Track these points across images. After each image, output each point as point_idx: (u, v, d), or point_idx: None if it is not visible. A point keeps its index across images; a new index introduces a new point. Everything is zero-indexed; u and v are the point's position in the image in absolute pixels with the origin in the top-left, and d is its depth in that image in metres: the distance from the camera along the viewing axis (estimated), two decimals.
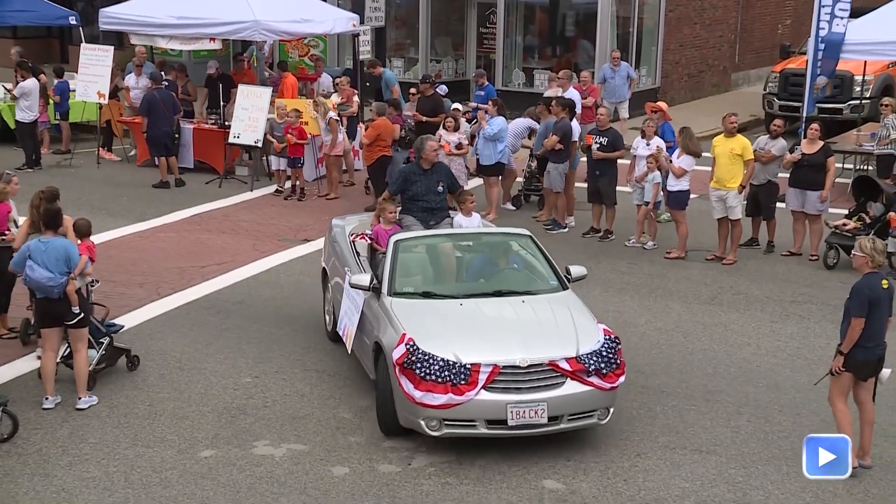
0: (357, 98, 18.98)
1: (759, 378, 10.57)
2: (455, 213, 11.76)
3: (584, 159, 15.64)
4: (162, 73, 19.62)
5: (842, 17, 17.24)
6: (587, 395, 8.77)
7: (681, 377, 10.55)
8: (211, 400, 9.88)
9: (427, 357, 8.65)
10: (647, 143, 14.84)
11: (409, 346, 8.71)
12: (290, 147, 17.29)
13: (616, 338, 9.18)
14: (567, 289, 9.91)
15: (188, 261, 14.08)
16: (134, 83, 19.88)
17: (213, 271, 13.64)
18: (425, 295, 9.65)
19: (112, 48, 19.76)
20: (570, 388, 8.71)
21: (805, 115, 17.69)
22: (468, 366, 8.59)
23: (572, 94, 17.65)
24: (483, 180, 16.77)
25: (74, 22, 22.49)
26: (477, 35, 26.06)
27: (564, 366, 8.73)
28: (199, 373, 10.49)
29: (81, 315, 9.59)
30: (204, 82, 20.58)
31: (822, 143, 14.35)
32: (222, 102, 18.96)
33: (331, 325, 11.17)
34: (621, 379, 8.99)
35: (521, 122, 17.18)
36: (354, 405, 9.74)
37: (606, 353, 8.92)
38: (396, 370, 8.72)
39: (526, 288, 9.85)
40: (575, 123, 15.89)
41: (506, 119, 16.61)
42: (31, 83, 19.20)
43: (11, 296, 11.19)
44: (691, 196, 14.57)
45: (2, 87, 20.56)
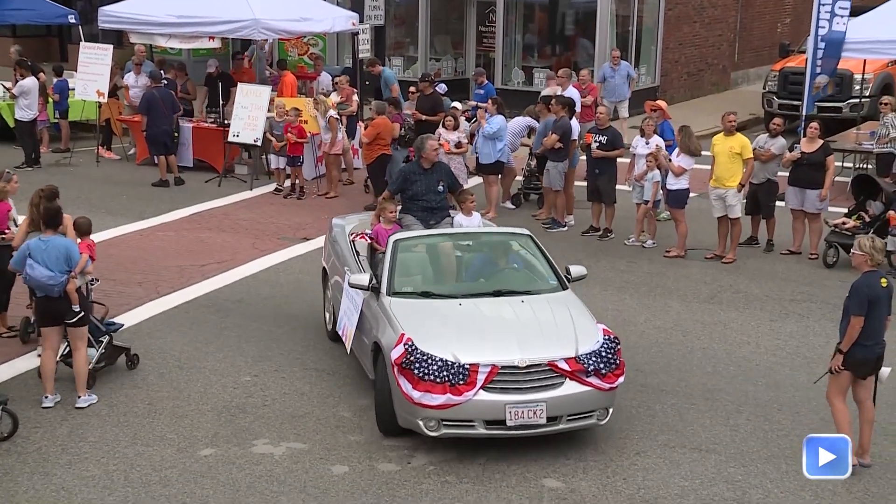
0: (356, 97, 18.98)
1: (759, 376, 10.57)
2: (455, 213, 11.76)
3: (584, 158, 15.64)
4: (161, 71, 19.63)
5: (842, 16, 17.24)
6: (586, 395, 8.75)
7: (680, 376, 10.56)
8: (210, 398, 9.89)
9: (425, 357, 8.63)
10: (647, 142, 14.84)
11: (408, 346, 8.69)
12: (290, 146, 17.30)
13: (615, 338, 9.16)
14: (567, 288, 9.89)
15: (188, 259, 14.08)
16: (133, 82, 19.91)
17: (212, 270, 13.64)
18: (424, 295, 9.63)
19: (111, 47, 19.78)
20: (569, 388, 8.69)
21: (804, 113, 17.69)
22: (467, 366, 8.57)
23: (572, 92, 17.64)
24: (482, 179, 16.77)
25: (74, 20, 22.49)
26: (476, 34, 26.07)
27: (563, 366, 8.71)
28: (199, 371, 10.49)
29: (82, 314, 9.59)
30: (203, 81, 20.59)
31: (822, 141, 14.35)
32: (222, 101, 18.96)
33: (331, 325, 11.16)
34: (620, 379, 8.96)
35: (521, 121, 17.19)
36: (354, 404, 9.74)
37: (606, 354, 8.89)
38: (395, 370, 8.70)
39: (525, 288, 9.82)
40: (574, 122, 15.90)
41: (505, 118, 16.61)
42: (30, 82, 19.20)
43: (11, 294, 11.19)
44: (691, 195, 14.57)
45: (1, 85, 20.55)
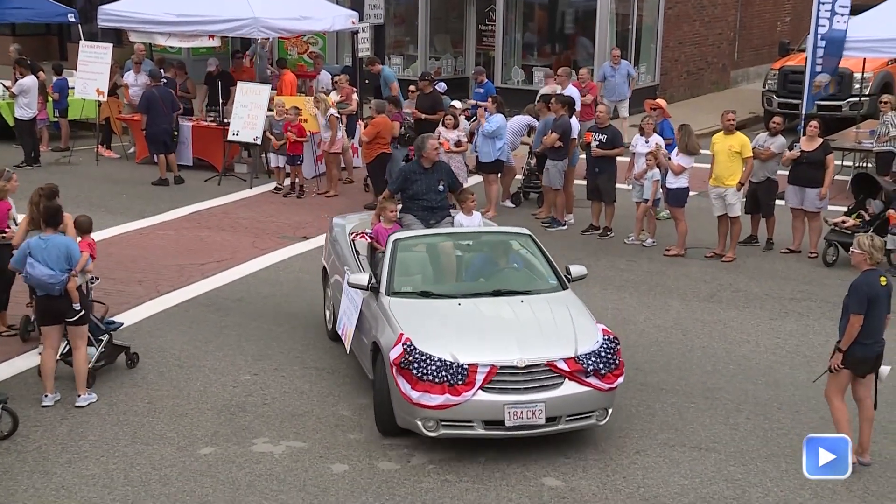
0: (356, 96, 18.97)
1: (758, 375, 10.57)
2: (456, 212, 11.73)
3: (584, 157, 15.64)
4: (161, 70, 19.63)
5: (842, 14, 17.22)
6: (585, 395, 8.72)
7: (680, 374, 10.55)
8: (210, 397, 9.88)
9: (424, 357, 8.60)
10: (646, 141, 14.84)
11: (407, 346, 8.67)
12: (290, 144, 17.30)
13: (615, 338, 9.13)
14: (567, 288, 9.85)
15: (187, 258, 14.08)
16: (133, 80, 19.90)
17: (212, 269, 13.64)
18: (424, 294, 9.60)
19: (111, 45, 19.78)
20: (569, 388, 8.66)
21: (804, 112, 17.69)
22: (465, 366, 8.54)
23: (571, 91, 17.64)
24: (482, 178, 16.76)
25: (73, 19, 22.47)
26: (476, 32, 26.07)
27: (562, 366, 8.68)
28: (199, 370, 10.49)
29: (82, 312, 9.59)
30: (203, 79, 20.59)
31: (822, 140, 14.35)
32: (221, 100, 18.95)
33: (331, 324, 11.14)
34: (620, 380, 8.93)
35: (521, 120, 17.19)
36: (354, 403, 9.74)
37: (605, 354, 8.86)
38: (393, 370, 8.67)
39: (525, 287, 9.79)
40: (574, 121, 15.90)
41: (505, 116, 16.61)
42: (29, 80, 19.20)
43: (10, 293, 11.18)
44: (690, 193, 14.58)
45: (1, 84, 20.54)
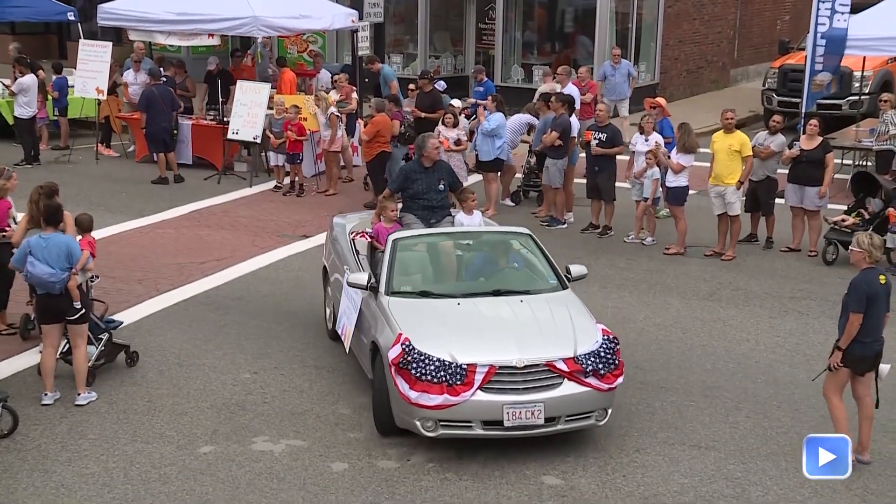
0: (355, 95, 18.97)
1: (758, 374, 10.57)
2: (456, 212, 11.72)
3: (583, 155, 15.64)
4: (160, 68, 19.63)
5: (843, 13, 17.21)
6: (585, 395, 8.69)
7: (679, 373, 10.55)
8: (210, 396, 9.88)
9: (423, 357, 8.57)
10: (646, 139, 14.84)
11: (405, 346, 8.64)
12: (290, 143, 17.30)
13: (615, 338, 9.09)
14: (567, 288, 9.82)
15: (187, 257, 14.08)
16: (132, 79, 19.91)
17: (211, 267, 13.63)
18: (423, 294, 9.57)
19: (110, 44, 19.79)
20: (568, 388, 8.62)
21: (804, 110, 17.68)
22: (464, 366, 8.51)
23: (571, 90, 17.64)
24: (482, 176, 16.76)
25: (73, 18, 22.44)
26: (476, 31, 26.08)
27: (562, 366, 8.65)
28: (198, 369, 10.49)
29: (83, 311, 9.59)
30: (203, 78, 20.59)
31: (821, 138, 14.35)
32: (221, 99, 18.95)
33: (331, 324, 11.10)
34: (619, 380, 8.90)
35: (520, 118, 17.19)
36: (353, 401, 9.74)
37: (605, 354, 8.82)
38: (392, 370, 8.65)
39: (525, 287, 9.75)
40: (574, 119, 15.90)
41: (504, 115, 16.61)
42: (29, 79, 19.20)
43: (10, 292, 11.18)
44: (690, 192, 14.58)
45: (0, 83, 20.54)
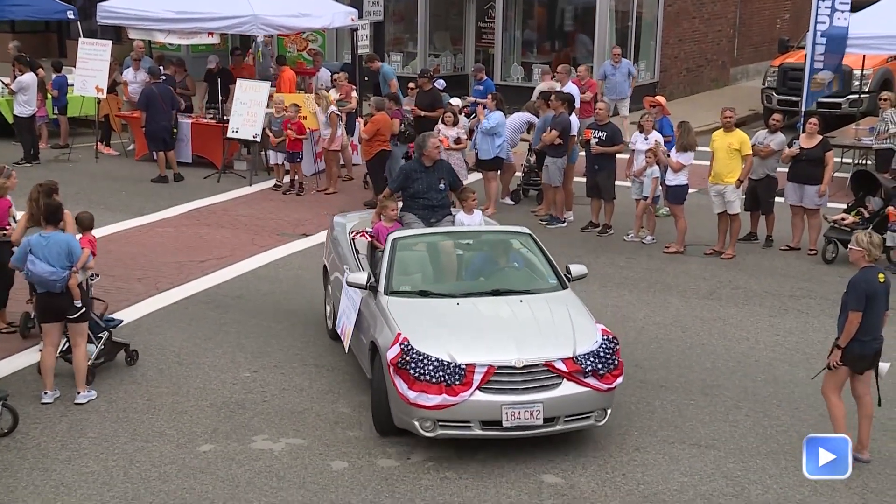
0: (355, 93, 18.96)
1: (758, 372, 10.57)
2: (457, 211, 11.70)
3: (583, 154, 15.64)
4: (160, 67, 19.62)
5: (843, 11, 17.19)
6: (584, 396, 8.66)
7: (679, 372, 10.55)
8: (210, 394, 9.88)
9: (421, 357, 8.55)
10: (646, 138, 14.84)
11: (404, 346, 8.62)
12: (290, 142, 17.30)
13: (614, 338, 9.06)
14: (566, 288, 9.79)
15: (187, 255, 14.08)
16: (132, 77, 19.91)
17: (211, 266, 13.63)
18: (422, 294, 9.55)
19: (110, 42, 19.78)
20: (567, 389, 8.60)
21: (804, 109, 17.68)
22: (463, 366, 8.49)
23: (571, 88, 17.63)
24: (482, 175, 16.76)
25: (72, 16, 22.44)
26: (475, 29, 26.07)
27: (561, 366, 8.62)
28: (198, 367, 10.49)
29: (83, 309, 9.58)
30: (203, 77, 20.58)
31: (821, 137, 14.35)
32: (221, 97, 18.95)
33: (331, 323, 11.06)
34: (619, 380, 8.87)
35: (520, 117, 17.19)
36: (353, 400, 9.74)
37: (604, 354, 8.80)
38: (391, 370, 8.63)
39: (525, 287, 9.72)
40: (573, 118, 15.89)
41: (504, 114, 16.60)
42: (29, 78, 19.20)
43: (10, 290, 11.18)
44: (690, 190, 14.58)
45: (0, 81, 20.53)
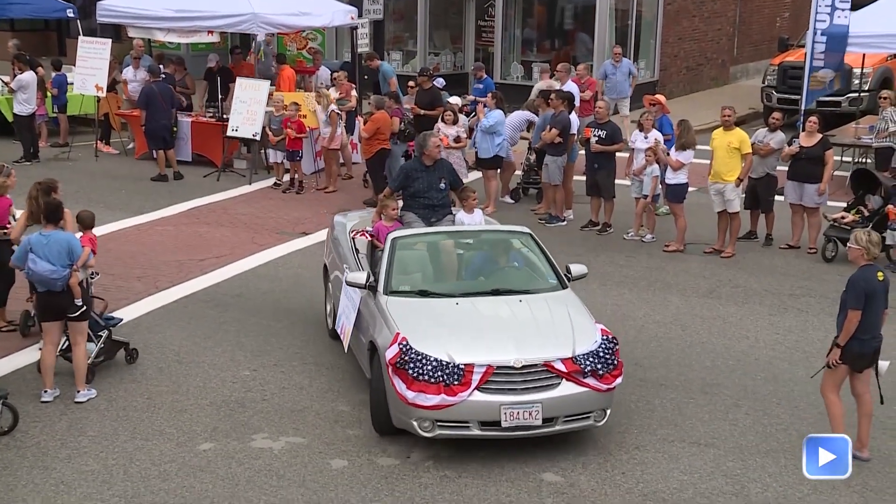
0: (355, 92, 18.96)
1: (758, 371, 10.58)
2: (457, 210, 11.69)
3: (583, 152, 15.64)
4: (160, 65, 19.62)
5: (843, 9, 17.18)
6: (583, 396, 8.64)
7: (679, 370, 10.56)
8: (209, 393, 9.89)
9: (420, 357, 8.53)
10: (646, 136, 14.84)
11: (402, 346, 8.60)
12: (289, 140, 17.30)
13: (614, 338, 9.04)
14: (566, 287, 9.77)
15: (186, 254, 14.08)
16: (132, 76, 19.92)
17: (211, 264, 13.63)
18: (421, 294, 9.53)
19: (110, 41, 19.78)
20: (566, 389, 8.58)
21: (803, 107, 17.68)
22: (461, 366, 8.47)
23: (570, 87, 17.64)
24: (482, 173, 16.76)
25: (72, 15, 22.44)
26: (475, 28, 26.06)
27: (560, 366, 8.60)
28: (198, 366, 10.49)
29: (83, 308, 9.58)
30: (203, 75, 20.58)
31: (821, 135, 14.35)
32: (220, 96, 18.95)
33: (332, 322, 11.04)
34: (618, 380, 8.85)
35: (520, 115, 17.19)
36: (353, 398, 9.74)
37: (603, 354, 8.77)
38: (389, 370, 8.61)
39: (524, 287, 9.70)
40: (573, 116, 15.89)
41: (504, 112, 16.60)
42: (28, 76, 19.20)
43: (10, 289, 11.18)
44: (689, 189, 14.58)
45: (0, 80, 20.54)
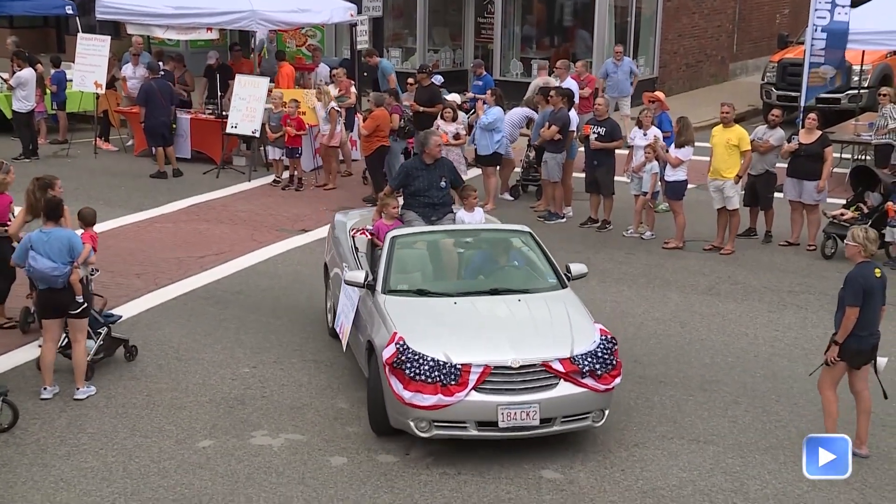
0: (354, 89, 18.95)
1: (757, 368, 10.58)
2: (458, 209, 11.66)
3: (582, 149, 15.64)
4: (159, 62, 19.60)
5: (843, 6, 17.18)
6: (581, 396, 8.60)
7: (678, 367, 10.56)
8: (209, 390, 9.89)
9: (417, 357, 8.49)
10: (645, 134, 14.83)
11: (399, 346, 8.56)
12: (289, 137, 17.29)
13: (613, 338, 8.99)
14: (566, 287, 9.72)
15: (186, 251, 14.08)
16: (131, 73, 19.92)
17: (210, 261, 13.63)
18: (420, 293, 9.48)
19: (109, 38, 19.78)
20: (564, 389, 8.54)
21: (803, 104, 17.67)
22: (459, 366, 8.42)
23: (570, 84, 17.63)
24: (481, 170, 16.76)
25: (71, 11, 22.41)
26: (475, 25, 26.04)
27: (558, 367, 8.56)
28: (197, 363, 10.49)
29: (85, 305, 9.58)
30: (203, 72, 20.57)
31: (820, 132, 14.35)
32: (220, 93, 18.93)
33: (332, 320, 11.00)
34: (617, 380, 8.81)
35: (519, 112, 17.18)
36: (352, 395, 9.74)
37: (602, 354, 8.73)
38: (386, 370, 8.58)
39: (524, 286, 9.65)
40: (573, 113, 15.89)
41: (504, 109, 16.59)
42: (27, 73, 19.18)
43: (11, 285, 11.18)
44: (689, 186, 14.58)
45: None
